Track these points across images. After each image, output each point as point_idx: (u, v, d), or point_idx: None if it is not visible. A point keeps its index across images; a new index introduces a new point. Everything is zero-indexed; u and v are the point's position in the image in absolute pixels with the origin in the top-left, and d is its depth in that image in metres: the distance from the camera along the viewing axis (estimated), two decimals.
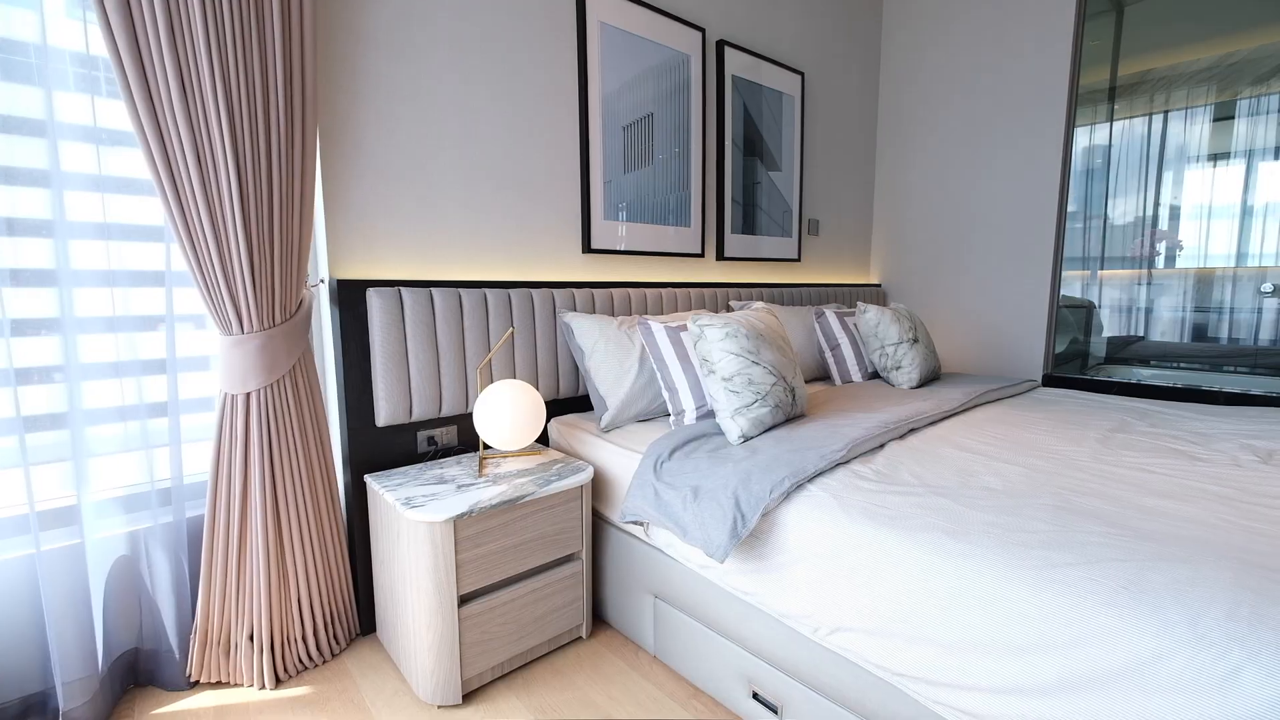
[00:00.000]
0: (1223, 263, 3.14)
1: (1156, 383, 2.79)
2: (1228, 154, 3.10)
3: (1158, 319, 3.46)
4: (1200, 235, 3.20)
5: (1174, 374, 3.27)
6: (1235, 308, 3.14)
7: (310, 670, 1.57)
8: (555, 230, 2.09)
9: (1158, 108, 3.33)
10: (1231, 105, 3.12)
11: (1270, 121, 3.00)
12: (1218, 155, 3.13)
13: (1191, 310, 3.29)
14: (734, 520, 1.23)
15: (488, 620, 1.47)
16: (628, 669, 1.59)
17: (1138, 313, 3.50)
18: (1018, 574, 0.93)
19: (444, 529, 1.36)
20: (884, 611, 1.05)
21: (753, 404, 1.60)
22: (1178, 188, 3.26)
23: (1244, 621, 0.77)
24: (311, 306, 1.59)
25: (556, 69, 2.03)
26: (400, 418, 1.68)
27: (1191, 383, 2.77)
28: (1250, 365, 3.08)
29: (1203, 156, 3.16)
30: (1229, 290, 3.15)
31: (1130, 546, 0.96)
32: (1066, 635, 0.86)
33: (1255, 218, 3.01)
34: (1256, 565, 0.89)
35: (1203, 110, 3.20)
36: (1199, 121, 3.20)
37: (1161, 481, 1.26)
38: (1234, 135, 3.07)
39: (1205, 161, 3.16)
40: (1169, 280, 3.36)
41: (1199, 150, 3.19)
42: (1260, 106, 3.03)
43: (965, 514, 1.11)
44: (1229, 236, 3.11)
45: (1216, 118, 3.12)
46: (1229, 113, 3.12)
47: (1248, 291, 3.10)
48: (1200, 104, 3.20)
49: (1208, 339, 3.21)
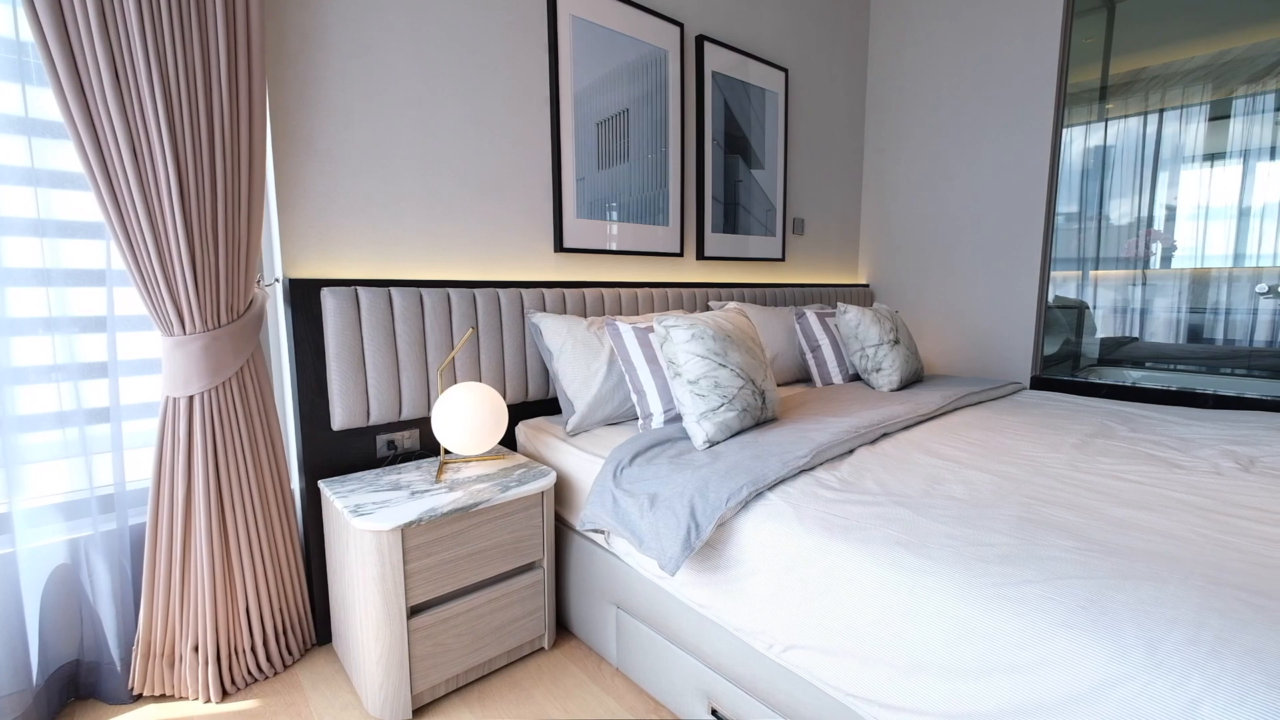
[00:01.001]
0: (1218, 263, 3.09)
1: (1147, 385, 2.73)
2: (1223, 154, 3.04)
3: (1152, 320, 3.41)
4: (1195, 236, 3.15)
5: (1166, 375, 3.21)
6: (1230, 309, 3.09)
7: (260, 682, 1.51)
8: (525, 229, 2.04)
9: (1152, 106, 3.28)
10: (1226, 104, 3.07)
11: (1265, 120, 2.94)
12: (1212, 155, 3.08)
13: (1186, 311, 3.24)
14: (688, 530, 1.18)
15: (440, 632, 1.41)
16: (589, 682, 1.53)
17: (1132, 313, 3.45)
18: (974, 591, 0.88)
19: (391, 538, 1.31)
20: (837, 629, 1.00)
21: (719, 408, 1.55)
22: (1172, 187, 3.20)
23: (1206, 647, 0.72)
24: (264, 307, 1.54)
25: (526, 64, 1.98)
26: (357, 421, 1.63)
27: (1184, 385, 2.72)
28: (1244, 367, 3.02)
29: (1198, 156, 3.11)
30: (1224, 291, 3.10)
31: (1093, 562, 0.90)
32: (1021, 658, 0.80)
33: (1250, 218, 2.96)
34: (1225, 584, 0.83)
35: (1197, 109, 3.15)
36: (1192, 121, 3.14)
37: (1136, 491, 1.21)
38: (1229, 135, 3.02)
39: (1200, 161, 3.11)
40: (1163, 281, 3.31)
41: (1193, 150, 3.14)
42: (1255, 105, 2.98)
43: (925, 525, 1.05)
44: (1223, 237, 3.05)
45: (1211, 117, 3.07)
46: (1223, 112, 3.06)
47: (1243, 292, 3.04)
48: (1194, 103, 3.15)
49: (1203, 340, 3.16)
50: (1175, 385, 2.72)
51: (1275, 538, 0.98)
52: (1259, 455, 1.42)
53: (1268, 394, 2.54)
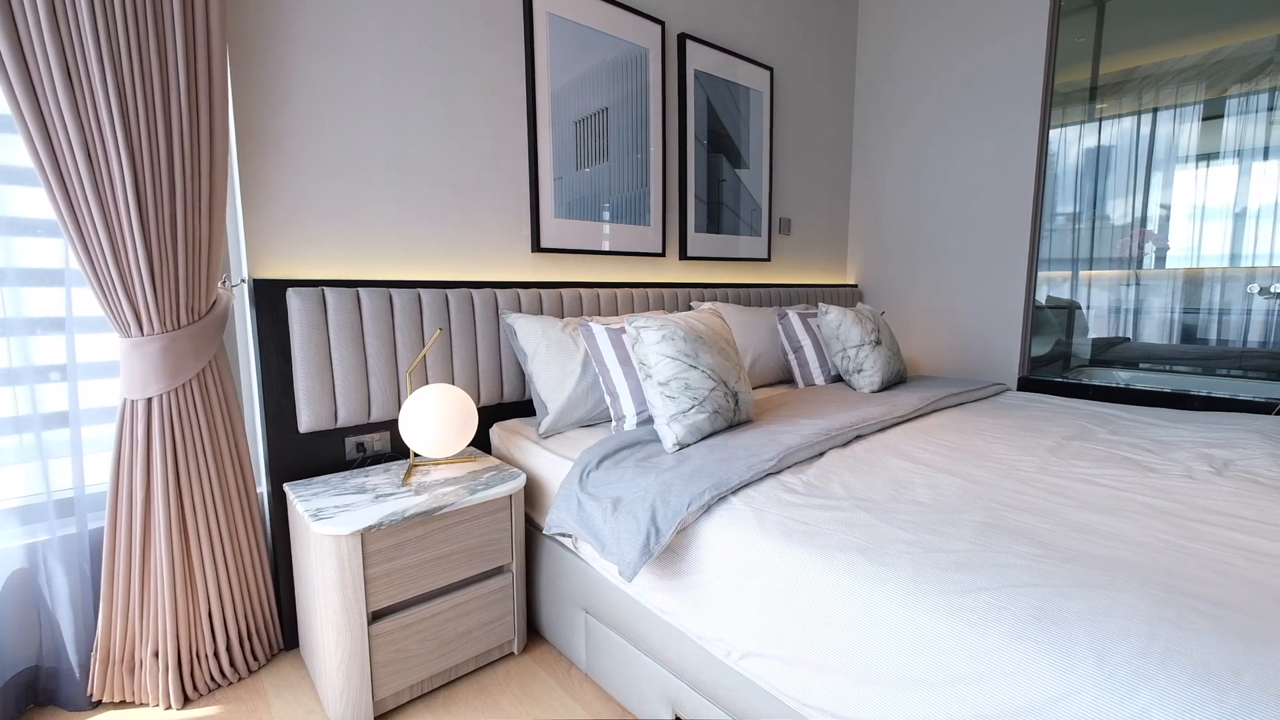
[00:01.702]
0: (1210, 263, 3.07)
1: (1136, 385, 2.71)
2: (1215, 153, 3.02)
3: (1144, 320, 3.39)
4: (1188, 236, 3.13)
5: (1155, 376, 3.19)
6: (1222, 309, 3.07)
7: (224, 688, 1.49)
8: (501, 229, 2.02)
9: (1145, 106, 3.26)
10: (1218, 104, 3.04)
11: (1259, 120, 2.92)
12: (1205, 155, 3.06)
13: (1177, 311, 3.22)
14: (648, 535, 1.16)
15: (404, 638, 1.39)
16: (557, 688, 1.51)
17: (1124, 314, 3.43)
18: (927, 600, 0.86)
19: (350, 542, 1.28)
20: (795, 636, 0.98)
21: (689, 409, 1.53)
22: (1165, 188, 3.18)
23: (1155, 658, 0.70)
24: (229, 307, 1.52)
25: (502, 62, 1.96)
26: (324, 423, 1.61)
27: (1173, 386, 2.70)
28: (1236, 367, 3.01)
29: (1190, 156, 3.09)
30: (1217, 291, 3.08)
31: (1049, 569, 0.88)
32: (973, 669, 0.78)
33: (1243, 217, 2.94)
34: (1181, 592, 0.81)
35: (1188, 109, 3.13)
36: (1184, 120, 3.12)
37: (1105, 495, 1.18)
38: (1222, 134, 3.00)
39: (1193, 161, 3.09)
40: (1156, 281, 3.29)
41: (1186, 150, 3.12)
42: (1248, 105, 2.95)
43: (885, 531, 1.03)
44: (1216, 237, 3.03)
45: (1203, 116, 3.05)
46: (1215, 111, 3.04)
47: (1235, 292, 3.03)
48: (1186, 103, 3.13)
49: (1195, 340, 3.14)
50: (1164, 386, 2.69)
51: (1237, 544, 0.96)
52: (1234, 459, 1.40)
53: (1256, 395, 2.51)
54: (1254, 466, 1.34)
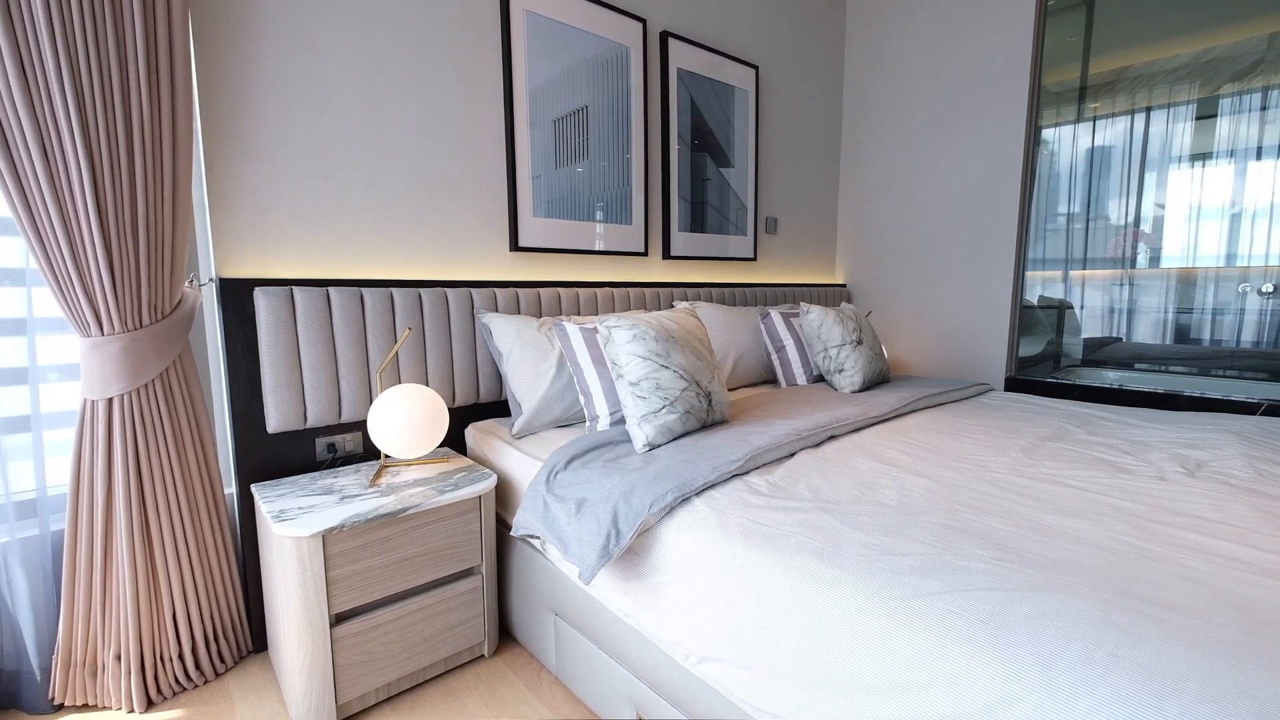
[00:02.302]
0: (1202, 263, 3.06)
1: (1125, 385, 2.68)
2: (1207, 153, 3.01)
3: (1135, 320, 3.38)
4: (1179, 235, 3.12)
5: (1142, 376, 3.18)
6: (1213, 309, 3.06)
7: (189, 691, 1.48)
8: (479, 228, 2.00)
9: (1137, 105, 3.25)
10: (1210, 103, 3.03)
11: (1251, 120, 2.90)
12: (1198, 155, 3.05)
13: (1168, 311, 3.21)
14: (608, 536, 1.15)
15: (368, 640, 1.38)
16: (526, 691, 1.50)
17: (1116, 314, 3.42)
18: (879, 604, 0.84)
19: (311, 544, 1.27)
20: (749, 640, 0.96)
21: (660, 410, 1.51)
22: (1157, 188, 3.18)
23: (1100, 664, 0.68)
24: (195, 307, 1.51)
25: (478, 60, 1.94)
26: (293, 424, 1.59)
27: (1159, 385, 2.68)
28: (1226, 367, 3.00)
29: (1182, 155, 3.08)
30: (1208, 291, 3.07)
31: (1005, 573, 0.87)
32: (920, 674, 0.77)
33: (1234, 217, 2.93)
34: (1134, 596, 0.80)
35: (1180, 108, 3.12)
36: (1176, 120, 3.11)
37: (1072, 496, 1.17)
38: (1215, 134, 2.98)
39: (1185, 161, 3.07)
40: (1147, 281, 3.28)
41: (1178, 149, 3.11)
42: (1241, 104, 2.94)
43: (845, 534, 1.02)
44: (1207, 237, 3.02)
45: (1196, 116, 3.03)
46: (1208, 111, 3.03)
47: (1226, 292, 3.01)
48: (1179, 101, 3.11)
49: (1187, 340, 3.13)
50: (1151, 386, 2.67)
51: (1199, 546, 0.94)
52: (1207, 459, 1.38)
53: (1246, 395, 2.50)
54: (1226, 468, 1.32)
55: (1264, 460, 1.36)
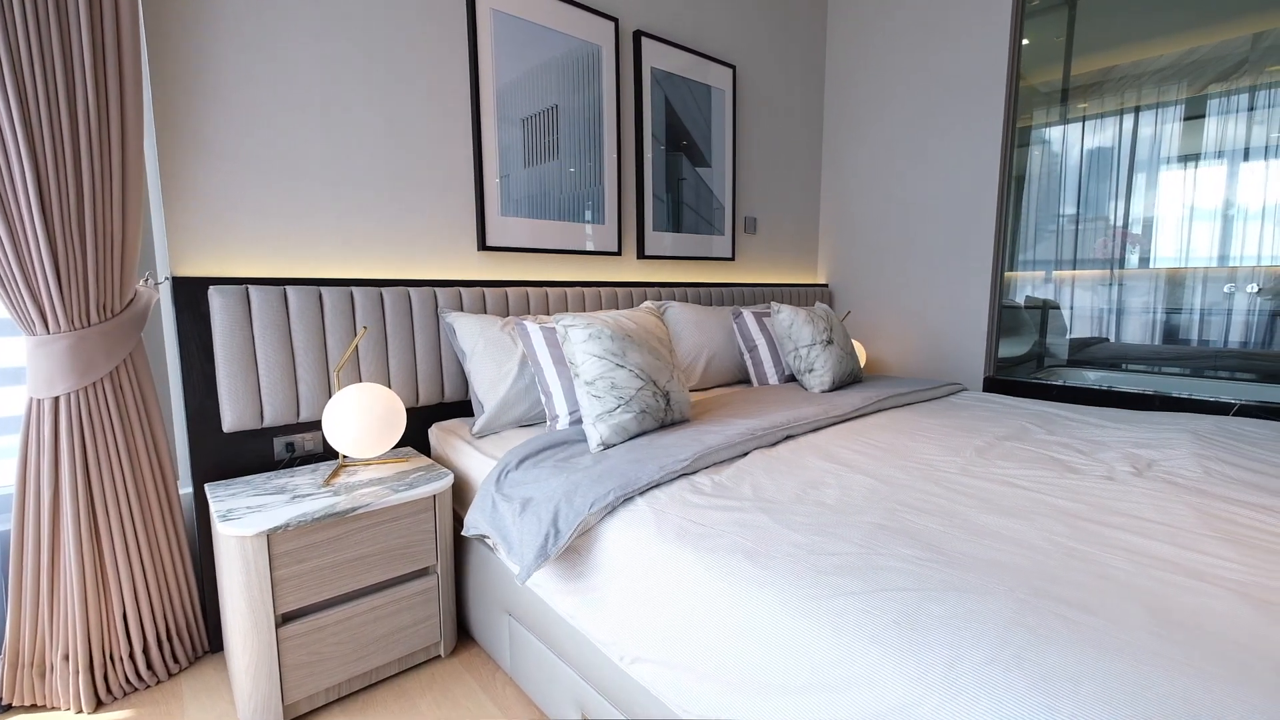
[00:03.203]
0: (1189, 263, 3.06)
1: (1104, 385, 2.67)
2: (1194, 154, 3.01)
3: (1122, 320, 3.38)
4: (1166, 236, 3.13)
5: (1122, 376, 3.19)
6: (1199, 309, 3.06)
7: (140, 691, 1.47)
8: (445, 227, 1.99)
9: (1125, 105, 3.25)
10: (1197, 103, 3.03)
11: (1237, 120, 2.90)
12: (1185, 155, 3.05)
13: (1157, 312, 3.22)
14: (546, 536, 1.14)
15: (317, 640, 1.37)
16: (479, 691, 1.49)
17: (1103, 314, 3.43)
18: (800, 604, 0.84)
19: (256, 543, 1.26)
20: (678, 640, 0.95)
21: (615, 409, 1.51)
22: (1146, 189, 3.18)
23: (1002, 665, 0.67)
24: (149, 305, 1.50)
25: (443, 58, 1.93)
26: (249, 423, 1.59)
27: (1141, 385, 2.67)
28: (1210, 367, 3.00)
29: (1170, 157, 3.08)
30: (1195, 292, 3.07)
31: (928, 573, 0.86)
32: (835, 675, 0.76)
33: (1219, 218, 2.93)
34: (1051, 596, 0.79)
35: (1165, 109, 3.12)
36: (1163, 121, 3.11)
37: (1016, 496, 1.16)
38: (1202, 134, 2.98)
39: (1172, 161, 3.08)
40: (1134, 281, 3.28)
41: (1164, 150, 3.11)
42: (1228, 105, 2.94)
43: (778, 533, 1.01)
44: (1194, 238, 3.03)
45: (1181, 116, 3.03)
46: (1194, 111, 3.03)
47: (1214, 293, 3.02)
48: (1165, 102, 3.12)
49: (1175, 340, 3.14)
50: (1127, 386, 2.67)
51: (1129, 546, 0.93)
52: (1158, 459, 1.38)
53: (1221, 396, 2.49)
54: (1176, 467, 1.31)
55: (1214, 460, 1.35)
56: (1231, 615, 0.74)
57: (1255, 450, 1.44)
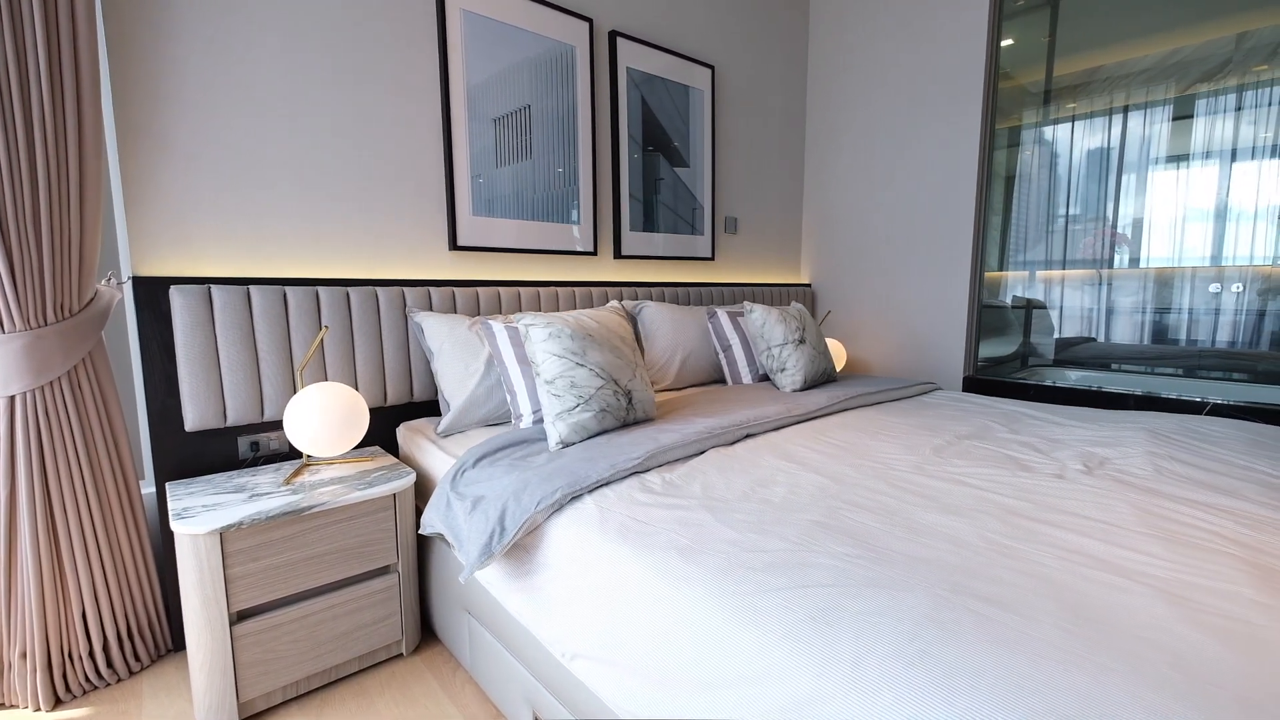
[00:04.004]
0: (1176, 263, 3.07)
1: (1081, 385, 2.67)
2: (1181, 154, 3.02)
3: (1108, 320, 3.40)
4: (1153, 236, 3.14)
5: (1103, 376, 3.19)
6: (1185, 309, 3.07)
7: (101, 690, 1.48)
8: (416, 227, 2.00)
9: (1110, 105, 3.26)
10: (1182, 103, 3.04)
11: (1223, 120, 2.91)
12: (1172, 156, 3.06)
13: (1146, 312, 3.23)
14: (491, 534, 1.14)
15: (273, 638, 1.38)
16: (439, 690, 1.50)
17: (1088, 313, 3.44)
18: (723, 600, 0.84)
19: (208, 541, 1.27)
20: (614, 637, 0.96)
21: (574, 408, 1.51)
22: (1136, 190, 3.19)
23: (906, 661, 0.68)
24: (111, 305, 1.51)
25: (412, 58, 1.94)
26: (212, 422, 1.59)
27: (1113, 385, 2.67)
28: (1193, 367, 3.01)
29: (1156, 156, 3.09)
30: (1181, 291, 3.08)
31: (853, 570, 0.86)
32: (753, 670, 0.76)
33: (1205, 218, 2.93)
34: (968, 593, 0.79)
35: (1151, 109, 3.13)
36: (1149, 121, 3.12)
37: (963, 494, 1.16)
38: (1190, 134, 2.99)
39: (1160, 161, 3.09)
40: (1120, 281, 3.30)
41: (1152, 150, 3.12)
42: (1215, 105, 2.94)
43: (716, 531, 1.01)
44: (1181, 237, 3.04)
45: (1170, 117, 3.04)
46: (1180, 111, 3.03)
47: (1200, 293, 3.03)
48: (1152, 102, 3.12)
49: (1162, 340, 3.15)
50: (1104, 385, 2.66)
51: (1063, 544, 0.94)
52: (1112, 457, 1.38)
53: (1196, 395, 2.49)
54: (1127, 465, 1.31)
55: (1166, 458, 1.35)
56: (1145, 611, 0.74)
57: (1213, 449, 1.44)
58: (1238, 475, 1.25)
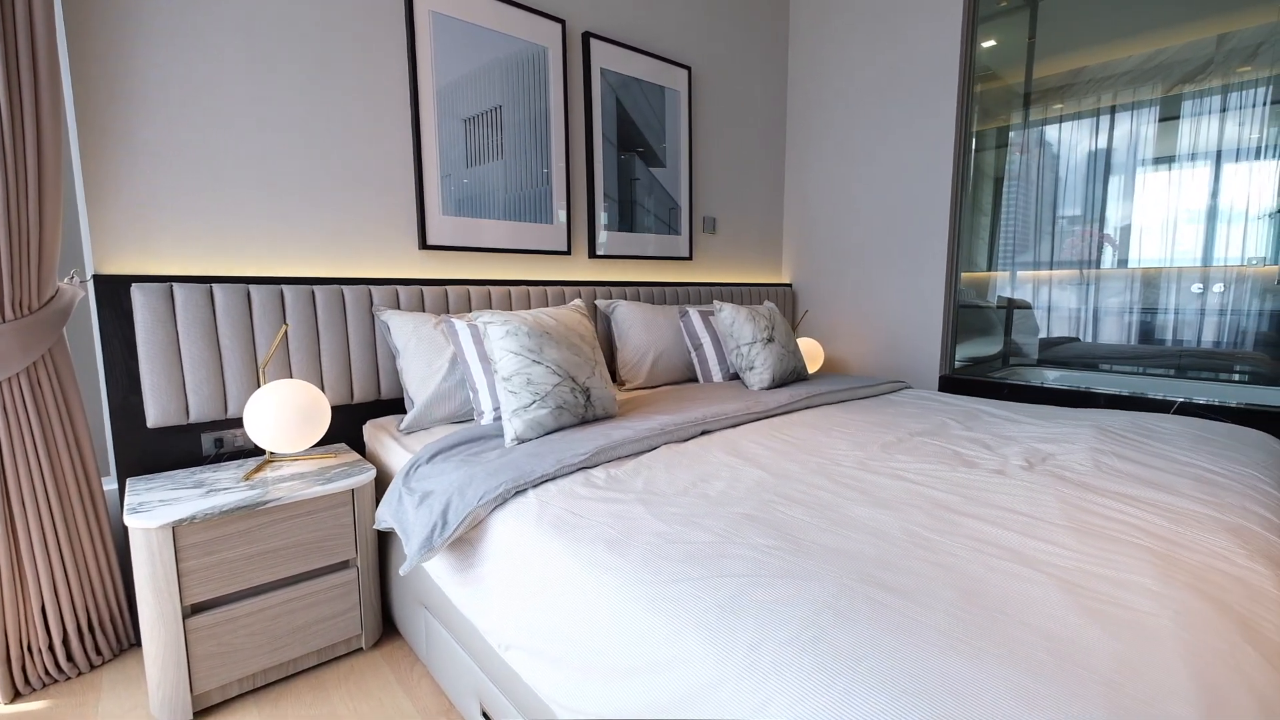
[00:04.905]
0: (1160, 264, 3.10)
1: (1060, 386, 2.68)
2: (1166, 156, 3.04)
3: (1092, 320, 3.43)
4: (1137, 236, 3.17)
5: (1082, 376, 3.23)
6: (1168, 309, 3.10)
7: (60, 683, 1.50)
8: (385, 226, 2.02)
9: (1097, 106, 3.29)
10: (1166, 104, 3.07)
11: (1207, 121, 2.93)
12: (1158, 157, 3.08)
13: (1130, 312, 3.26)
14: (433, 528, 1.16)
15: (229, 631, 1.39)
16: (395, 683, 1.51)
17: (1073, 314, 3.48)
18: (642, 589, 0.86)
19: (160, 535, 1.29)
20: (542, 627, 0.98)
21: (530, 404, 1.53)
22: (1113, 189, 3.22)
23: (797, 646, 0.69)
24: (72, 302, 1.53)
25: (380, 59, 1.96)
26: (175, 419, 1.61)
27: (1085, 384, 2.68)
28: (1173, 367, 3.04)
29: (1143, 158, 3.12)
30: (1164, 292, 3.11)
31: (770, 561, 0.88)
32: (662, 656, 0.78)
33: (1191, 218, 2.96)
34: (876, 582, 0.81)
35: (1134, 110, 3.16)
36: (1135, 122, 3.15)
37: (898, 489, 1.18)
38: (1176, 135, 3.02)
39: (1145, 163, 3.12)
40: (1104, 282, 3.33)
41: (1136, 150, 3.15)
42: (1198, 107, 2.97)
43: (646, 524, 1.03)
44: (1164, 238, 3.07)
45: (1157, 119, 3.07)
46: (1165, 113, 3.06)
47: (1184, 293, 3.06)
48: (1137, 102, 3.15)
49: (1148, 340, 3.18)
50: (1077, 385, 2.68)
51: (982, 536, 0.95)
52: (1054, 453, 1.39)
53: (1172, 394, 2.50)
54: (1068, 462, 1.33)
55: (1108, 454, 1.37)
56: (1040, 598, 0.76)
57: (1158, 446, 1.46)
58: (1175, 470, 1.27)
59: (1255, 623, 0.73)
